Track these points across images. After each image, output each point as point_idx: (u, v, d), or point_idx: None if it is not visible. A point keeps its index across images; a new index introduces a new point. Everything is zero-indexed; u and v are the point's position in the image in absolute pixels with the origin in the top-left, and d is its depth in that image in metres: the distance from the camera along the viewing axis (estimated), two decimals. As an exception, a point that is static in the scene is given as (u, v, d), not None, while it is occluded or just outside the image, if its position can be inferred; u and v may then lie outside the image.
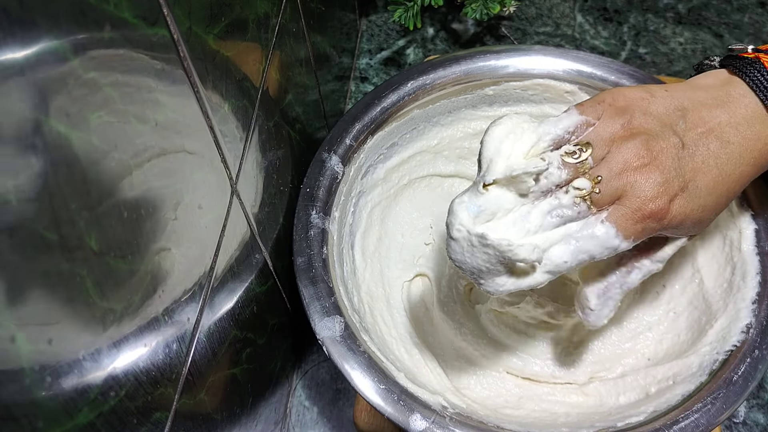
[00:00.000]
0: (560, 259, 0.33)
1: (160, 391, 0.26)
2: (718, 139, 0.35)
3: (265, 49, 0.38)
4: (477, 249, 0.32)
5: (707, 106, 0.36)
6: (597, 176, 0.33)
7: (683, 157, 0.34)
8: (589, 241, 0.33)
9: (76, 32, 0.19)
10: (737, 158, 0.35)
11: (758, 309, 0.40)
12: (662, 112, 0.35)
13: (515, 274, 0.33)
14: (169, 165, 0.26)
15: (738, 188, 0.36)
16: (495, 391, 0.46)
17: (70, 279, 0.19)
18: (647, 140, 0.33)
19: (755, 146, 0.35)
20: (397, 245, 0.52)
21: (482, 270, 0.32)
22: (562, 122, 0.35)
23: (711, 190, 0.34)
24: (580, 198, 0.33)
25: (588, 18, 0.75)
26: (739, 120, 0.35)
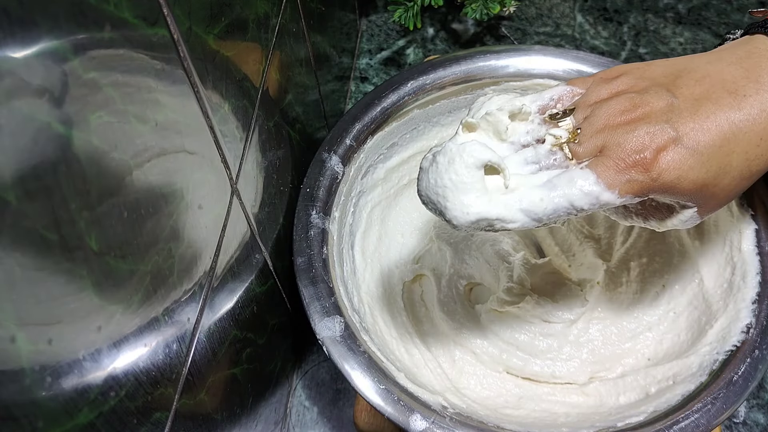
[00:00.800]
0: (537, 197, 0.31)
1: (160, 391, 0.26)
2: (729, 93, 0.31)
3: (265, 49, 0.38)
4: (447, 163, 0.31)
5: (717, 63, 0.32)
6: (576, 129, 0.32)
7: (679, 111, 0.31)
8: (569, 185, 0.31)
9: (76, 32, 0.19)
10: (755, 113, 0.30)
11: (758, 309, 0.40)
12: (657, 75, 0.33)
13: (486, 195, 0.31)
14: (169, 165, 0.26)
15: (760, 150, 0.31)
16: (495, 391, 0.46)
17: (70, 279, 0.19)
18: (633, 97, 0.32)
19: None
20: (397, 245, 0.52)
21: (448, 187, 0.31)
22: (549, 91, 0.35)
23: (719, 146, 0.30)
24: (557, 146, 0.32)
25: (588, 18, 0.75)
26: (761, 73, 0.31)
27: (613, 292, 0.48)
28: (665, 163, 0.30)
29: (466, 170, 0.31)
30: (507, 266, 0.49)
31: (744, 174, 0.31)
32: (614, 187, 0.30)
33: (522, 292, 0.48)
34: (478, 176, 0.31)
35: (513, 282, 0.48)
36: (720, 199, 0.32)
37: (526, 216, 0.31)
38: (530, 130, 0.33)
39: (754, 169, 0.31)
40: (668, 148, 0.30)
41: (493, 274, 0.50)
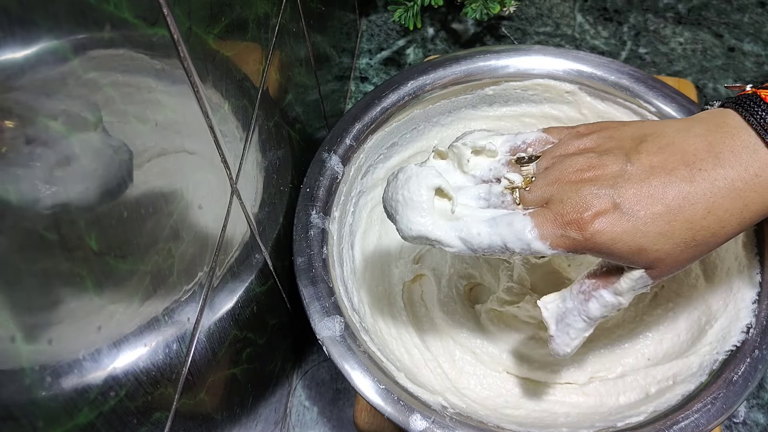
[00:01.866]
0: (475, 230, 0.33)
1: (160, 391, 0.26)
2: (686, 165, 0.31)
3: (265, 49, 0.38)
4: (404, 180, 0.34)
5: (685, 133, 0.33)
6: (531, 177, 0.35)
7: (628, 177, 0.32)
8: (506, 227, 0.33)
9: (76, 32, 0.19)
10: (706, 187, 0.31)
11: (758, 309, 0.40)
12: (624, 137, 0.34)
13: (430, 216, 0.34)
14: (169, 165, 0.26)
15: (706, 223, 0.31)
16: (495, 391, 0.46)
17: (70, 279, 0.19)
18: (591, 157, 0.33)
19: (740, 177, 0.31)
20: (397, 245, 0.52)
21: (399, 201, 0.34)
22: (523, 135, 0.37)
23: (659, 214, 0.31)
24: (509, 189, 0.35)
25: (588, 18, 0.75)
26: (722, 149, 0.32)
27: (613, 292, 0.48)
28: (600, 225, 0.31)
29: (417, 190, 0.34)
30: (507, 266, 0.49)
31: (689, 242, 0.32)
32: (546, 239, 0.32)
33: (522, 291, 0.48)
34: (427, 197, 0.34)
35: (513, 282, 0.48)
36: (668, 264, 0.32)
37: (463, 244, 0.34)
38: (493, 168, 0.36)
39: (699, 239, 0.32)
40: (606, 212, 0.31)
41: (493, 274, 0.50)
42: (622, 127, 0.35)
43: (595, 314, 0.35)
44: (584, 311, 0.35)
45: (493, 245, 0.33)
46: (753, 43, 0.70)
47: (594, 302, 0.34)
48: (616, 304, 0.34)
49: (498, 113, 0.54)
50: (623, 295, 0.34)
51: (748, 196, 0.31)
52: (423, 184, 0.34)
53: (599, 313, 0.35)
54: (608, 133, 0.35)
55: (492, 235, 0.33)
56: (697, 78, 0.68)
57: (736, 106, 0.33)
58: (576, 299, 0.35)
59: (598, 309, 0.34)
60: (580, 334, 0.35)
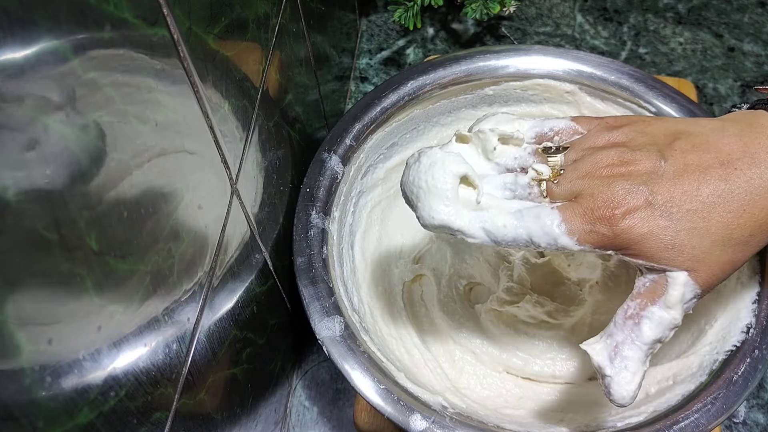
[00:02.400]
0: (500, 222, 0.32)
1: (160, 391, 0.26)
2: (722, 164, 0.31)
3: (265, 49, 0.38)
4: (428, 165, 0.32)
5: (718, 133, 0.32)
6: (559, 169, 0.33)
7: (662, 174, 0.31)
8: (533, 220, 0.32)
9: (76, 32, 0.19)
10: (741, 186, 0.31)
11: (758, 309, 0.40)
12: (657, 132, 0.34)
13: (454, 206, 0.32)
14: (169, 165, 0.26)
15: (743, 221, 0.31)
16: (495, 391, 0.46)
17: (70, 279, 0.19)
18: (624, 151, 0.32)
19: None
20: (397, 245, 0.52)
21: (422, 188, 0.32)
22: (551, 122, 0.36)
23: (694, 210, 0.30)
24: (536, 181, 0.33)
25: (588, 18, 0.75)
26: (757, 149, 0.31)
27: (612, 291, 0.48)
28: (631, 221, 0.30)
29: (442, 177, 0.32)
30: (507, 266, 0.49)
31: (727, 241, 0.31)
32: (574, 234, 0.31)
33: (522, 291, 0.48)
34: (452, 185, 0.32)
35: (513, 281, 0.48)
36: (710, 264, 0.31)
37: (486, 236, 0.32)
38: (519, 157, 0.34)
39: (737, 237, 0.31)
40: (639, 209, 0.30)
41: (493, 274, 0.50)
42: (654, 122, 0.35)
43: (650, 337, 0.31)
44: (638, 337, 0.31)
45: (518, 238, 0.32)
46: (753, 43, 0.70)
47: (646, 323, 0.31)
48: (670, 321, 0.31)
49: (498, 113, 0.54)
50: (674, 308, 0.31)
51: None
52: (449, 171, 0.32)
53: (654, 335, 0.31)
54: (640, 127, 0.34)
55: (518, 227, 0.32)
56: (697, 78, 0.68)
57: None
58: (625, 328, 0.32)
59: (653, 330, 0.31)
60: (639, 367, 0.31)
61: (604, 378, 0.31)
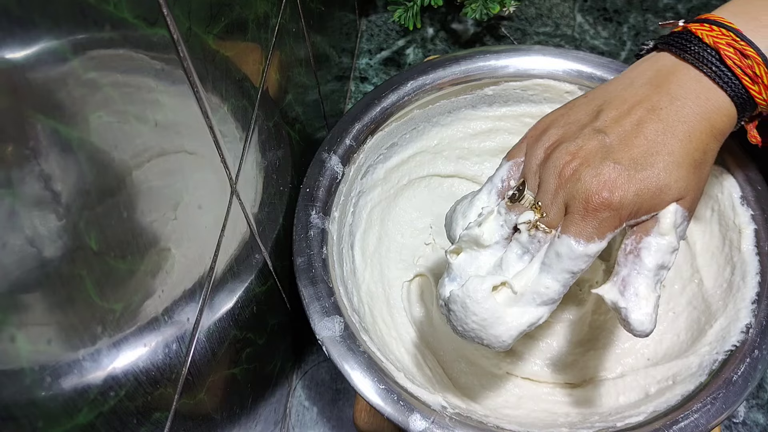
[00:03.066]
0: (543, 287, 0.33)
1: (160, 391, 0.26)
2: (648, 110, 0.34)
3: (265, 49, 0.38)
4: (462, 309, 0.34)
5: (631, 88, 0.36)
6: (537, 203, 0.35)
7: (611, 145, 0.33)
8: (558, 260, 0.33)
9: (76, 32, 0.19)
10: (674, 118, 0.34)
11: (758, 309, 0.40)
12: (581, 117, 0.36)
13: (507, 318, 0.33)
14: (169, 165, 0.26)
15: (694, 144, 0.34)
16: (495, 391, 0.46)
17: (70, 279, 0.19)
18: (566, 147, 0.34)
19: (695, 103, 0.34)
20: (396, 245, 0.52)
21: (476, 330, 0.34)
22: (495, 177, 0.38)
23: (651, 155, 0.33)
24: (533, 228, 0.34)
25: (588, 18, 0.75)
26: (670, 86, 0.35)
27: (612, 292, 0.48)
28: (619, 192, 0.32)
29: (481, 308, 0.33)
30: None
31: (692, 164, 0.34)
32: (592, 237, 0.33)
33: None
34: (493, 305, 0.33)
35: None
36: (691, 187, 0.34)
37: (546, 306, 0.34)
38: (503, 222, 0.36)
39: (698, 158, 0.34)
40: (616, 180, 0.32)
41: (493, 274, 0.50)
42: (570, 111, 0.37)
43: (652, 264, 0.33)
44: (641, 267, 0.33)
45: (565, 282, 0.33)
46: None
47: (645, 253, 0.33)
48: (667, 246, 0.33)
49: (498, 113, 0.54)
50: (669, 234, 0.33)
51: (711, 117, 0.34)
52: (480, 298, 0.33)
53: (656, 261, 0.33)
54: (562, 121, 0.36)
55: (556, 276, 0.33)
56: (696, 78, 0.68)
57: (669, 46, 0.36)
58: (627, 263, 0.34)
59: (653, 257, 0.33)
60: (650, 293, 0.33)
61: (620, 312, 0.33)
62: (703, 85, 0.34)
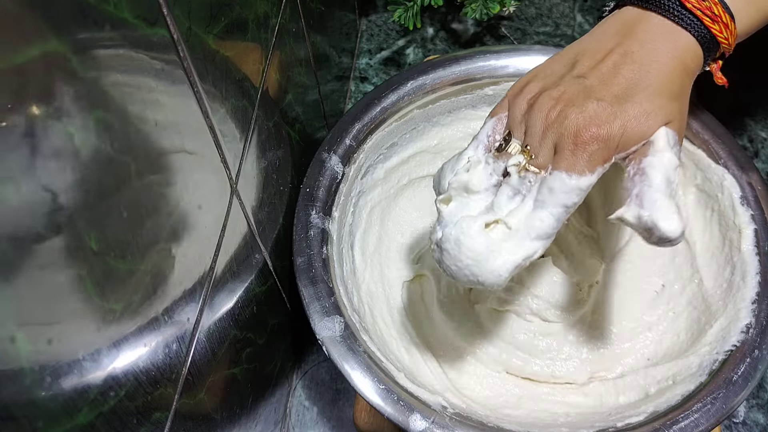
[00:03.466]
0: (538, 221, 0.33)
1: (160, 391, 0.26)
2: (621, 55, 0.36)
3: (265, 49, 0.38)
4: (455, 246, 0.34)
5: (602, 39, 0.38)
6: (525, 146, 0.35)
7: (592, 86, 0.35)
8: (551, 195, 0.33)
9: (76, 32, 0.19)
10: (648, 59, 0.36)
11: (758, 309, 0.40)
12: (558, 69, 0.38)
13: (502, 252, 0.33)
14: (169, 165, 0.26)
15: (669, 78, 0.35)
16: (495, 391, 0.46)
17: (70, 279, 0.19)
18: (549, 94, 0.35)
19: (664, 45, 0.36)
20: (397, 245, 0.52)
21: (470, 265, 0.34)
22: (482, 132, 0.38)
23: (631, 89, 0.34)
24: (523, 170, 0.35)
25: (588, 18, 0.75)
26: (637, 32, 0.37)
27: (612, 291, 0.48)
28: (605, 124, 0.33)
29: (475, 243, 0.33)
30: (507, 266, 0.49)
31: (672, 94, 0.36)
32: (583, 171, 0.33)
33: (522, 291, 0.48)
34: (486, 240, 0.33)
35: (513, 281, 0.48)
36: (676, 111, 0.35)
37: (540, 240, 0.34)
38: (492, 171, 0.36)
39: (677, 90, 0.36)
40: (600, 113, 0.33)
41: (493, 274, 0.50)
42: (548, 64, 0.39)
43: (659, 178, 0.33)
44: (650, 182, 0.33)
45: (559, 217, 0.34)
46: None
47: (650, 169, 0.33)
48: (668, 161, 0.33)
49: (498, 113, 0.54)
50: (665, 151, 0.34)
51: (681, 55, 0.36)
52: (474, 234, 0.33)
53: (662, 175, 0.33)
54: (541, 74, 0.38)
55: (550, 211, 0.33)
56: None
57: (631, 2, 0.38)
58: (635, 184, 0.33)
59: (658, 171, 0.33)
60: (668, 200, 0.33)
61: (645, 223, 0.32)
62: (669, 29, 0.36)
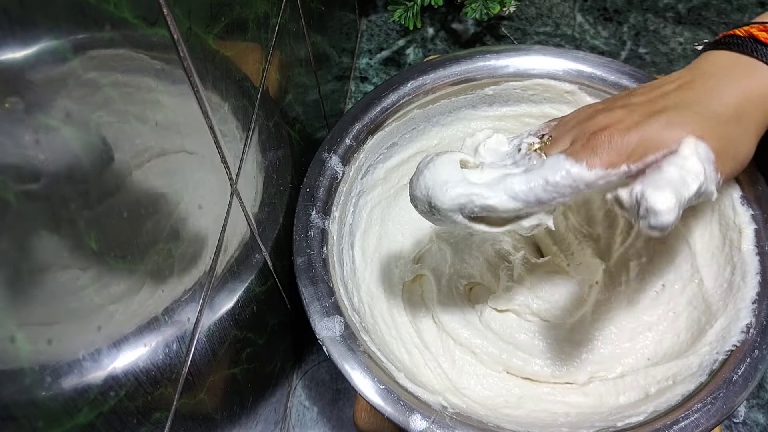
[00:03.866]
0: (510, 178, 0.33)
1: (160, 391, 0.26)
2: (679, 86, 0.36)
3: (265, 49, 0.38)
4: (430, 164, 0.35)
5: (673, 74, 0.38)
6: (544, 134, 0.36)
7: (635, 105, 0.35)
8: (542, 168, 0.33)
9: (76, 32, 0.19)
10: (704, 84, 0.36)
11: (758, 309, 0.40)
12: (616, 97, 0.38)
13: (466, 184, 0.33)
14: (169, 165, 0.26)
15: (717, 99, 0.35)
16: (495, 391, 0.46)
17: (70, 279, 0.19)
18: (602, 109, 0.36)
19: (729, 82, 0.36)
20: (397, 245, 0.52)
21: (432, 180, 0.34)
22: (528, 129, 0.39)
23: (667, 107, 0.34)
24: (531, 150, 0.35)
25: (588, 18, 0.75)
26: (705, 68, 0.37)
27: (612, 291, 0.48)
28: (624, 128, 0.33)
29: (444, 166, 0.34)
30: (507, 265, 0.49)
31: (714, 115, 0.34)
32: (581, 161, 0.32)
33: (522, 291, 0.48)
34: (455, 170, 0.34)
35: (513, 281, 0.48)
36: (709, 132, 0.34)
37: (507, 195, 0.33)
38: (508, 152, 0.37)
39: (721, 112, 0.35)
40: (624, 118, 0.34)
41: (493, 274, 0.50)
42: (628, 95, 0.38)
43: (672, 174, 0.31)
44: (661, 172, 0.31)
45: (535, 187, 0.32)
46: (753, 43, 0.70)
47: (666, 164, 0.31)
48: (690, 166, 0.31)
49: (498, 113, 0.54)
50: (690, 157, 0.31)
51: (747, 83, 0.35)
52: (446, 160, 0.34)
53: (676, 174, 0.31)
54: (605, 103, 0.38)
55: (531, 179, 0.33)
56: (697, 78, 0.68)
57: (722, 45, 0.38)
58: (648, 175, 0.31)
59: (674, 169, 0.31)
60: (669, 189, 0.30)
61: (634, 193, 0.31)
62: (739, 61, 0.36)
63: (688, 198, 0.31)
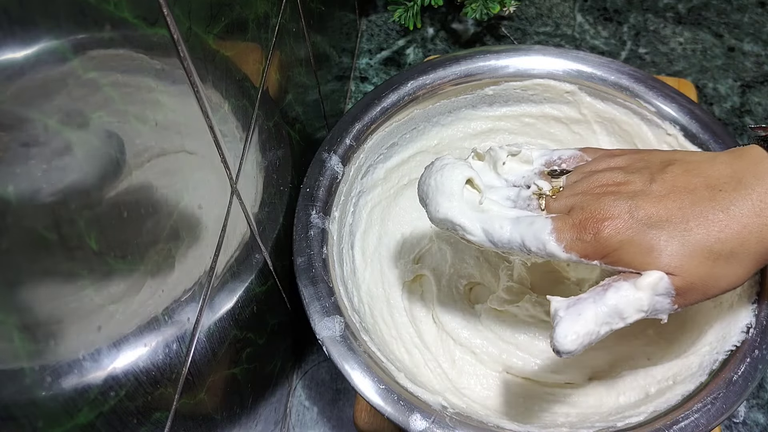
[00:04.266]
0: (498, 224, 0.35)
1: (160, 391, 0.26)
2: (707, 187, 0.33)
3: (265, 49, 0.38)
4: (440, 168, 0.37)
5: (711, 161, 0.34)
6: (559, 187, 0.37)
7: (649, 193, 0.33)
8: (527, 227, 0.34)
9: (76, 32, 0.19)
10: (727, 205, 0.32)
11: (758, 309, 0.40)
12: (654, 159, 0.36)
13: (458, 203, 0.36)
14: (169, 165, 0.26)
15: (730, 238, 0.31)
16: (495, 391, 0.46)
17: (70, 279, 0.19)
18: (619, 174, 0.35)
19: (760, 197, 0.31)
20: (397, 245, 0.52)
21: (431, 186, 0.37)
22: (559, 151, 0.40)
23: (668, 221, 0.32)
24: (536, 195, 0.37)
25: (588, 18, 0.75)
26: (745, 174, 0.32)
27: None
28: (612, 230, 0.32)
29: (450, 177, 0.36)
30: (507, 265, 0.49)
31: (706, 253, 0.31)
32: (562, 242, 0.33)
33: (522, 291, 0.48)
34: (458, 185, 0.36)
35: (513, 281, 0.48)
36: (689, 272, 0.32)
37: (484, 235, 0.35)
38: (525, 176, 0.39)
39: (717, 251, 0.31)
40: (620, 218, 0.33)
41: (493, 274, 0.50)
42: (655, 151, 0.38)
43: (611, 302, 0.31)
44: (600, 299, 0.32)
45: (512, 240, 0.35)
46: (753, 43, 0.70)
47: (611, 291, 0.32)
48: (635, 300, 0.31)
49: (498, 113, 0.54)
50: (643, 291, 0.31)
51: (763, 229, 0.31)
52: (456, 173, 0.36)
53: (616, 302, 0.31)
54: (640, 155, 0.37)
55: (513, 231, 0.35)
56: (697, 78, 0.68)
57: (761, 141, 0.34)
58: (591, 292, 0.32)
59: (615, 298, 0.31)
60: (590, 325, 0.31)
61: (552, 314, 0.32)
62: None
63: (607, 332, 0.32)
